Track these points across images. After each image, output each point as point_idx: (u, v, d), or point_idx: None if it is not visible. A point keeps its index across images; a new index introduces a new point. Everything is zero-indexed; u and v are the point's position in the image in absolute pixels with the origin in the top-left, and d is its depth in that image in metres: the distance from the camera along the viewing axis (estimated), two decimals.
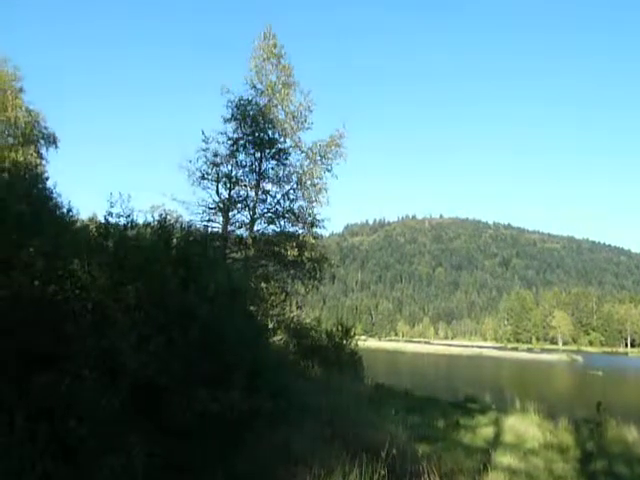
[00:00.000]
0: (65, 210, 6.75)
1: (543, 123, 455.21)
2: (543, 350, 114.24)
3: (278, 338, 14.87)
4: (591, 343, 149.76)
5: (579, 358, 79.72)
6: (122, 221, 6.82)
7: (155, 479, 4.58)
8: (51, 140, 26.12)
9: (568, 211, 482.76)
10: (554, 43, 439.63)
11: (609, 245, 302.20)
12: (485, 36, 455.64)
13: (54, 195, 8.06)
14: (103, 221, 6.72)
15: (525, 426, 11.42)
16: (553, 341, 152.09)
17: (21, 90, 24.42)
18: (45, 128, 25.76)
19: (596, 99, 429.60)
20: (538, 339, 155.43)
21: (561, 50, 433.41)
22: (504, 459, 8.34)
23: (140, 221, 7.23)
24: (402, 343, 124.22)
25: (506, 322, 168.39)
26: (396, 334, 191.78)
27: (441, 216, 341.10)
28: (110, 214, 6.74)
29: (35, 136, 25.18)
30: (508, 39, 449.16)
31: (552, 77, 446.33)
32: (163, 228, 6.44)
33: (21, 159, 21.17)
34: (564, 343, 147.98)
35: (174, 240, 6.75)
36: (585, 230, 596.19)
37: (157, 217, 7.17)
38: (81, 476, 4.04)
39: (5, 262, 4.83)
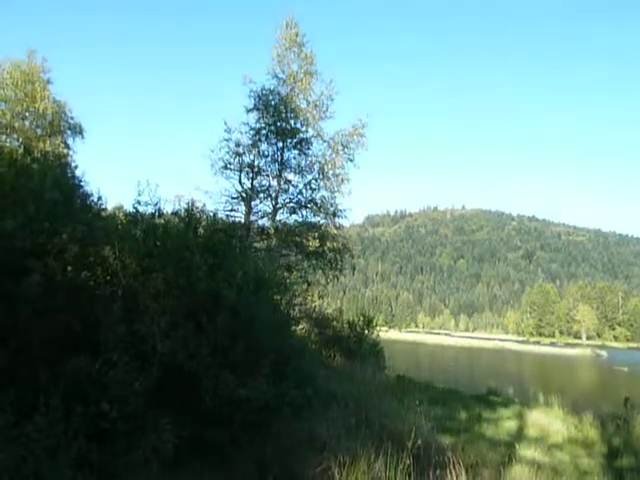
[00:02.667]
0: (95, 198, 6.85)
1: (567, 113, 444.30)
2: (566, 344, 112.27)
3: (300, 327, 14.94)
4: (616, 338, 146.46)
5: (604, 353, 78.13)
6: (150, 209, 6.92)
7: (185, 461, 4.69)
8: (77, 130, 26.54)
9: (595, 204, 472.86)
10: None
11: (637, 238, 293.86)
12: (516, 20, 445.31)
13: (83, 184, 8.16)
14: (132, 209, 6.83)
15: (549, 420, 11.28)
16: (577, 335, 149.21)
17: (49, 82, 24.83)
18: (71, 118, 26.18)
19: (621, 88, 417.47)
20: (561, 333, 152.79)
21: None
22: (528, 453, 8.25)
23: (167, 209, 7.32)
24: (422, 335, 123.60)
25: (529, 315, 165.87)
26: (416, 326, 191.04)
27: (463, 207, 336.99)
28: (138, 202, 6.84)
29: (62, 126, 25.62)
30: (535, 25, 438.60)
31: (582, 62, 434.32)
32: (190, 216, 6.51)
33: (49, 149, 21.58)
34: (588, 338, 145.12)
35: (201, 229, 6.80)
36: (612, 223, 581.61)
37: (184, 206, 7.24)
38: (114, 456, 4.15)
39: (39, 248, 4.95)
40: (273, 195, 19.47)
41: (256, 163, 19.27)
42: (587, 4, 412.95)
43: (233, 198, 19.30)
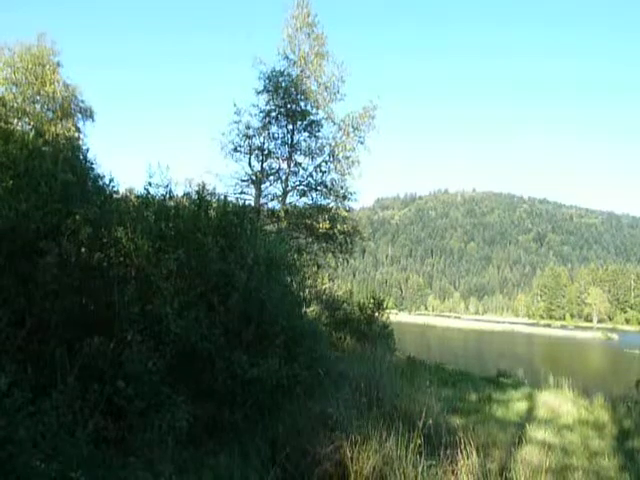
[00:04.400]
0: (107, 180, 6.87)
1: (578, 94, 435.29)
2: (577, 327, 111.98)
3: (311, 309, 15.02)
4: (627, 321, 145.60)
5: (615, 336, 77.84)
6: (161, 191, 6.93)
7: (199, 439, 4.78)
8: (88, 114, 26.61)
9: (608, 185, 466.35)
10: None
11: None
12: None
13: (95, 166, 8.19)
14: (143, 191, 6.84)
15: (559, 402, 11.26)
16: (587, 318, 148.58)
17: (59, 64, 24.80)
18: (82, 102, 26.22)
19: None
20: (572, 316, 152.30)
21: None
22: (538, 434, 8.26)
23: (178, 192, 7.33)
24: (432, 318, 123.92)
25: (539, 298, 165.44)
26: (426, 308, 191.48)
27: (474, 190, 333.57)
28: (149, 184, 6.85)
29: (72, 110, 25.66)
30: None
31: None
32: (202, 198, 6.52)
33: (60, 132, 21.64)
34: (599, 321, 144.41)
35: (212, 211, 6.82)
36: (626, 205, 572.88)
37: (195, 188, 7.25)
38: (130, 433, 4.23)
39: (53, 230, 5.00)
40: (283, 178, 19.44)
41: (266, 146, 19.23)
42: None
43: (243, 181, 19.33)
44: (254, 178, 19.07)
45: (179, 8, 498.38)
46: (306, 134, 19.51)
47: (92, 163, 8.15)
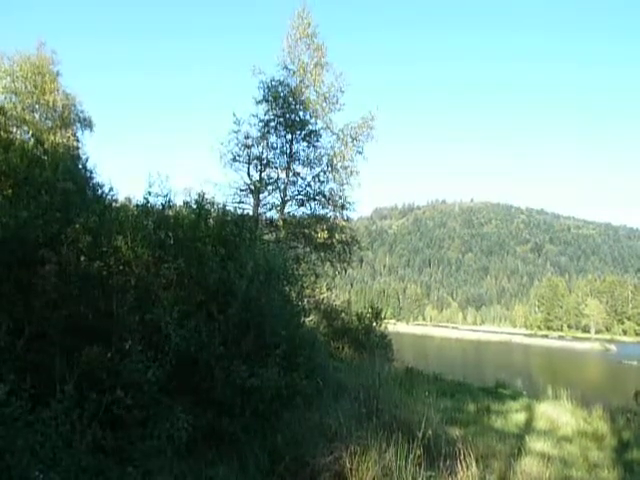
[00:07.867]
0: (106, 189, 6.90)
1: (575, 104, 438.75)
2: (575, 338, 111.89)
3: (309, 319, 14.99)
4: (625, 332, 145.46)
5: (612, 347, 77.84)
6: (160, 201, 6.95)
7: (198, 449, 4.75)
8: (87, 123, 26.71)
9: (605, 197, 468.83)
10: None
11: None
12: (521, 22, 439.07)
13: (94, 175, 8.24)
14: (142, 200, 6.86)
15: (558, 413, 11.22)
16: (585, 329, 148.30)
17: (58, 74, 24.92)
18: (81, 112, 26.34)
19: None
20: (570, 327, 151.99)
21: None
22: (537, 445, 8.23)
23: (177, 201, 7.35)
24: (430, 328, 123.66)
25: (537, 309, 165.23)
26: (424, 319, 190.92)
27: (472, 200, 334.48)
28: (149, 193, 6.87)
29: (72, 119, 25.74)
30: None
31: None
32: (201, 208, 6.53)
33: (59, 141, 21.66)
34: (597, 332, 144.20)
35: (211, 220, 6.84)
36: (623, 216, 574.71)
37: (194, 197, 7.27)
38: (129, 443, 4.20)
39: (53, 238, 5.00)
40: (281, 187, 19.45)
41: (265, 155, 19.27)
42: None
43: (241, 190, 19.34)
44: (253, 188, 19.10)
45: (180, 12, 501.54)
46: (305, 144, 19.59)
47: (91, 172, 8.21)
